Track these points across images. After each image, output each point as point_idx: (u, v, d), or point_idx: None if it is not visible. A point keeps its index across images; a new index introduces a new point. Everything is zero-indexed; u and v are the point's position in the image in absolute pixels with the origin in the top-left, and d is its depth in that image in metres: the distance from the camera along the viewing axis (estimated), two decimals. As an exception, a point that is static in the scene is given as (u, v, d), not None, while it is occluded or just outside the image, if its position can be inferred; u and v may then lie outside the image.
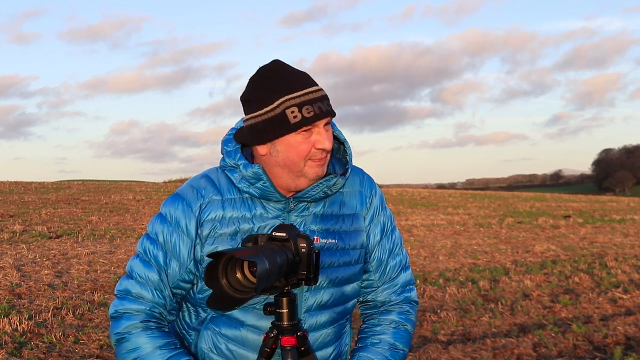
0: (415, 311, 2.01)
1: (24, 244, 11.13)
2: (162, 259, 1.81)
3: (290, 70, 1.77)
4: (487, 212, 22.83)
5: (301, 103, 1.71)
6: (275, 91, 1.73)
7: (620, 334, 6.24)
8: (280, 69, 1.77)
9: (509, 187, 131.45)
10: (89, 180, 39.42)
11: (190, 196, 1.83)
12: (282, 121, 1.72)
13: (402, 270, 2.00)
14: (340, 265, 1.86)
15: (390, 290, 1.98)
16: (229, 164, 1.82)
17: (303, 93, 1.72)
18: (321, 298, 1.85)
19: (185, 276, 1.82)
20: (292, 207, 1.83)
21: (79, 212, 17.02)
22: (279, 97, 1.72)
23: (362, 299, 2.01)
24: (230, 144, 1.85)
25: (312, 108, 1.72)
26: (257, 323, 1.82)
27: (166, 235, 1.81)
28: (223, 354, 1.86)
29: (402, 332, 1.95)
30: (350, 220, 1.90)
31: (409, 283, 2.01)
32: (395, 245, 1.98)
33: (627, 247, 13.86)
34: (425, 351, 5.65)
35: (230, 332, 1.84)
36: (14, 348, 5.30)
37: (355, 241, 1.90)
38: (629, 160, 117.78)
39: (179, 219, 1.81)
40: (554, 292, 8.63)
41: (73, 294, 7.39)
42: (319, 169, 1.78)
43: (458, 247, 13.33)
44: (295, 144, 1.74)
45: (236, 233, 1.80)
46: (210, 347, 1.86)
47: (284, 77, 1.74)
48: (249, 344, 1.84)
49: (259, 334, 1.82)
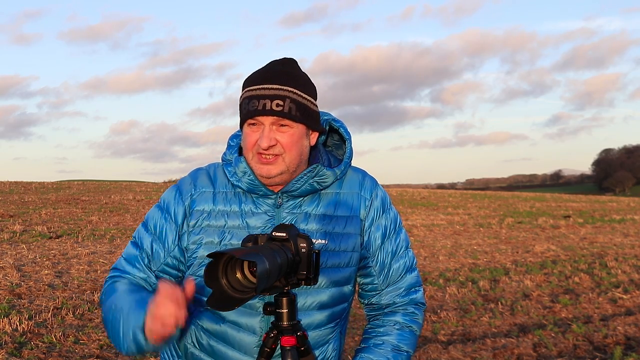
0: (422, 313, 1.97)
1: (24, 244, 11.13)
2: (148, 242, 1.86)
3: (271, 69, 1.80)
4: (487, 212, 22.84)
5: (250, 97, 1.77)
6: (245, 83, 1.82)
7: (620, 334, 6.24)
8: (267, 66, 1.82)
9: (509, 187, 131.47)
10: (89, 180, 39.45)
11: (184, 186, 1.90)
12: (240, 111, 1.82)
13: (407, 273, 1.96)
14: (327, 267, 1.83)
15: (395, 293, 1.95)
16: (227, 158, 1.88)
17: (257, 88, 1.77)
18: (304, 300, 1.83)
19: (170, 261, 1.86)
20: (280, 202, 1.83)
21: (79, 212, 17.02)
22: (243, 89, 1.82)
23: (367, 302, 1.99)
24: (236, 138, 1.90)
25: (257, 103, 1.75)
26: (237, 319, 1.82)
27: (157, 220, 1.88)
28: (205, 350, 1.87)
29: (406, 334, 1.92)
30: (344, 222, 1.87)
31: (415, 285, 1.97)
32: (399, 247, 1.95)
33: (627, 247, 13.86)
34: (425, 351, 5.65)
35: (211, 327, 1.86)
36: (14, 348, 5.30)
37: (346, 244, 1.86)
38: (629, 160, 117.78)
39: (169, 205, 1.88)
40: (554, 292, 8.63)
41: (73, 294, 7.39)
42: (263, 168, 1.78)
43: (458, 247, 13.33)
44: (245, 135, 1.80)
45: (224, 226, 1.83)
46: (193, 341, 1.88)
47: (258, 72, 1.81)
48: (228, 340, 1.84)
49: (237, 330, 1.83)
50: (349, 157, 1.91)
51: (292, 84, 1.77)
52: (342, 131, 1.92)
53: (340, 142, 1.99)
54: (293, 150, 1.78)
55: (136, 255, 1.87)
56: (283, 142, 1.76)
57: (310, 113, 1.81)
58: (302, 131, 1.79)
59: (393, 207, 1.99)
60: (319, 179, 1.83)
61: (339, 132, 1.95)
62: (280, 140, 1.76)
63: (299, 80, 1.80)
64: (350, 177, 1.93)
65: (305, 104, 1.79)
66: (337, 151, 1.98)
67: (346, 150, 1.91)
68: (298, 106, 1.76)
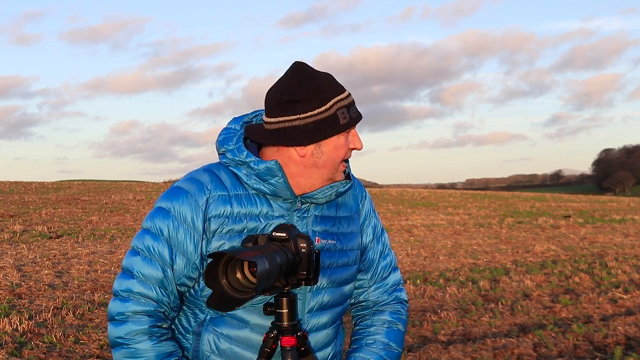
0: (406, 311, 2.04)
1: (24, 244, 11.13)
2: (168, 254, 1.74)
3: (327, 77, 1.80)
4: (487, 212, 22.83)
5: (348, 105, 1.77)
6: (327, 92, 1.75)
7: (620, 334, 6.24)
8: (315, 71, 1.79)
9: (509, 187, 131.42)
10: (89, 180, 39.46)
11: (195, 190, 1.78)
12: (334, 122, 1.74)
13: (392, 271, 2.04)
14: (339, 266, 1.88)
15: (382, 290, 2.01)
16: (236, 160, 1.79)
17: (347, 95, 1.78)
18: (322, 299, 1.86)
19: (191, 272, 1.77)
20: (299, 207, 1.82)
21: (79, 212, 17.02)
22: (332, 98, 1.75)
23: (354, 301, 2.03)
24: (230, 142, 1.82)
25: (355, 110, 1.80)
26: (262, 322, 1.79)
27: (171, 230, 1.75)
28: (226, 355, 1.81)
29: (394, 332, 1.98)
30: (347, 222, 1.92)
31: (399, 283, 2.05)
32: (385, 246, 2.04)
33: (627, 247, 13.86)
34: (426, 351, 5.65)
35: (233, 333, 1.80)
36: (14, 348, 5.30)
37: (352, 242, 1.92)
38: (629, 160, 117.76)
39: (185, 213, 1.75)
40: (554, 292, 8.63)
41: (73, 294, 7.39)
42: (342, 173, 1.85)
43: (458, 247, 13.33)
44: (339, 145, 1.78)
45: (244, 230, 1.77)
46: (213, 349, 1.81)
47: (327, 79, 1.78)
48: (252, 344, 1.80)
49: (261, 333, 1.79)
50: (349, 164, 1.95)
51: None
52: None
53: None
54: None
55: (154, 274, 1.74)
56: None
57: None
58: None
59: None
60: (343, 190, 1.87)
61: None
62: None
63: None
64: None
65: None
66: None
67: None
68: None
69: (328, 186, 1.81)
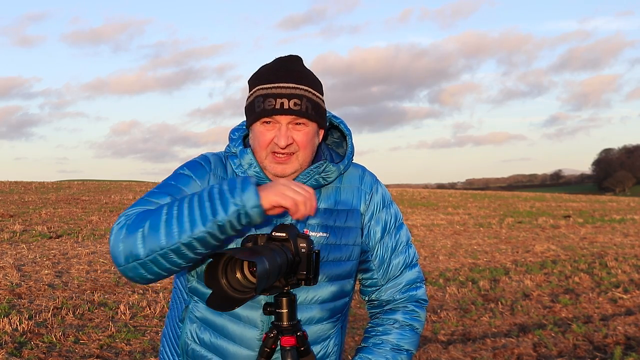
0: (423, 310, 1.97)
1: (24, 244, 11.12)
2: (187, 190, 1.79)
3: (284, 66, 1.80)
4: (487, 212, 22.83)
5: (266, 95, 1.76)
6: (256, 80, 1.81)
7: (620, 334, 6.24)
8: (278, 63, 1.81)
9: (508, 187, 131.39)
10: (89, 180, 39.45)
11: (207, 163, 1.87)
12: (251, 109, 1.80)
13: (407, 269, 1.96)
14: (329, 260, 1.84)
15: (394, 289, 1.95)
16: (231, 150, 1.87)
17: (273, 86, 1.76)
18: (307, 293, 1.83)
19: None
20: None
21: (79, 212, 17.02)
22: (254, 87, 1.81)
23: (367, 298, 2.00)
24: (238, 132, 1.89)
25: (274, 102, 1.75)
26: (237, 312, 1.80)
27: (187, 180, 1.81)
28: (205, 345, 1.85)
29: (406, 332, 1.92)
30: (345, 216, 1.88)
31: (415, 281, 1.98)
32: (399, 243, 1.96)
33: (627, 247, 13.86)
34: (425, 351, 5.65)
35: (211, 319, 1.84)
36: (14, 348, 5.29)
37: (347, 237, 1.87)
38: (629, 160, 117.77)
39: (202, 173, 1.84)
40: (554, 292, 8.63)
41: (73, 294, 7.39)
42: (278, 167, 1.79)
43: (458, 247, 13.33)
44: (258, 133, 1.79)
45: None
46: (194, 337, 1.86)
47: (270, 70, 1.80)
48: (228, 334, 1.82)
49: (237, 323, 1.82)
50: (351, 152, 1.92)
51: (306, 83, 1.79)
52: (342, 127, 1.94)
53: (340, 140, 2.01)
54: (307, 149, 1.80)
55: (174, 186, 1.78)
56: (299, 140, 1.78)
57: (322, 111, 1.84)
58: (314, 129, 1.82)
59: (394, 204, 2.00)
60: (324, 175, 1.84)
61: (339, 129, 1.97)
62: (296, 139, 1.78)
63: (311, 78, 1.82)
64: (351, 172, 1.94)
65: (319, 103, 1.82)
66: (338, 149, 1.99)
67: (348, 146, 1.93)
68: (313, 105, 1.79)
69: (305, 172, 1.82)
